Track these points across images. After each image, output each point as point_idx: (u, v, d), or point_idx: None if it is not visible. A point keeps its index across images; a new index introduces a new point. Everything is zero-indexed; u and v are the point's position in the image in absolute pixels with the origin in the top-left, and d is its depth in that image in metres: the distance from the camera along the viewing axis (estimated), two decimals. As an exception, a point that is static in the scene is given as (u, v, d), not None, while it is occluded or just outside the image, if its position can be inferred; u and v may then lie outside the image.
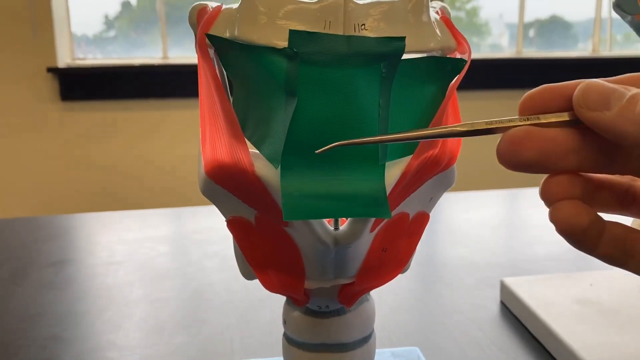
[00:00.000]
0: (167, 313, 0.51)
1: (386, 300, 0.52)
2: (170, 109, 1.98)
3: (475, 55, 2.15)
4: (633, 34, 0.38)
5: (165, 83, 1.93)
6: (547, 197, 0.19)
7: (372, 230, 0.26)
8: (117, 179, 2.06)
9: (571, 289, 0.49)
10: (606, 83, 0.18)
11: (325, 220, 0.25)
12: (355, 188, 0.22)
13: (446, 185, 0.28)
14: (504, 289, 0.52)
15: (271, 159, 0.22)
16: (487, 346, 0.45)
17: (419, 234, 0.29)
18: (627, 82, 0.19)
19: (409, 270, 0.30)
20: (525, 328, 0.47)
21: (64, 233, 0.73)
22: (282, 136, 0.21)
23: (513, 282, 0.51)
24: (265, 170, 0.23)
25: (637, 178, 0.21)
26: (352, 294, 0.29)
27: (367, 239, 0.26)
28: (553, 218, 0.19)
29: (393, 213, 0.27)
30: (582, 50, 2.05)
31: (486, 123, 0.19)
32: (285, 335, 0.32)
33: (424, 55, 0.22)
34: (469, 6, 2.39)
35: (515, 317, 0.49)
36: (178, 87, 1.91)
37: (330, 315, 0.30)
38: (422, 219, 0.28)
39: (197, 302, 0.53)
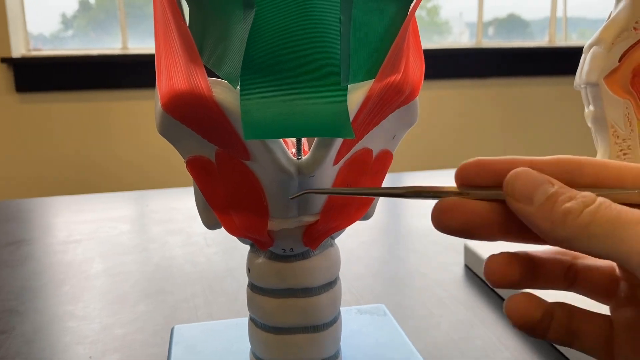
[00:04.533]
0: (129, 285, 0.49)
1: (352, 266, 0.52)
2: (129, 100, 1.94)
3: (439, 46, 2.17)
4: (587, 30, 0.37)
5: (124, 74, 1.89)
6: (490, 277, 0.21)
7: (335, 163, 0.25)
8: (75, 170, 2.01)
9: (534, 249, 0.50)
10: (534, 175, 0.20)
11: (288, 150, 0.24)
12: (317, 107, 0.22)
13: (409, 122, 0.28)
14: (468, 252, 0.52)
15: (229, 78, 0.21)
16: (453, 304, 0.45)
17: (383, 173, 0.29)
18: (556, 166, 0.20)
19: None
20: (490, 288, 0.48)
21: (19, 216, 0.70)
22: (241, 53, 0.21)
23: (477, 245, 0.52)
24: (224, 94, 0.23)
25: (578, 256, 0.23)
26: (316, 234, 0.28)
27: (330, 173, 0.25)
28: (508, 313, 0.21)
29: (356, 147, 0.26)
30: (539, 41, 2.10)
31: (421, 188, 0.21)
32: (249, 284, 0.31)
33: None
34: (429, 5, 2.42)
35: (480, 278, 0.50)
36: (138, 77, 1.87)
37: (295, 258, 0.29)
38: (385, 158, 0.28)
39: (160, 275, 0.51)
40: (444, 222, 0.21)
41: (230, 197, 0.27)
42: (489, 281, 0.21)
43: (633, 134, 0.34)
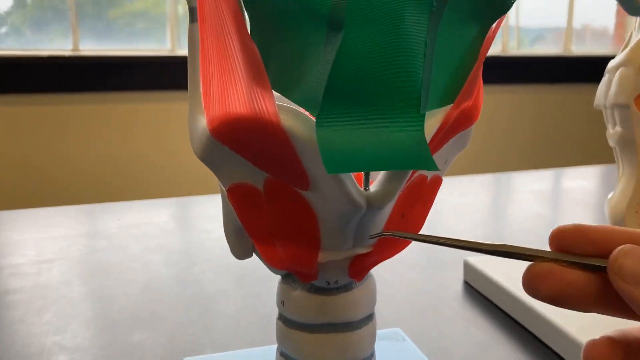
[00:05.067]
0: (118, 310, 0.46)
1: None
2: (80, 104, 1.85)
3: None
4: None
5: (75, 76, 1.80)
6: None
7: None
8: (24, 177, 1.90)
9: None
10: None
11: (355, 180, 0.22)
12: (399, 137, 0.20)
13: (462, 146, 0.27)
14: (468, 268, 0.52)
15: (307, 105, 0.19)
16: (462, 324, 0.44)
17: (432, 199, 0.27)
18: None
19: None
20: (491, 302, 0.47)
21: (-22, 232, 0.65)
22: (321, 78, 0.19)
23: (477, 261, 0.51)
24: (291, 121, 0.21)
25: None
26: (364, 266, 0.26)
27: (392, 202, 0.24)
28: None
29: (415, 176, 0.25)
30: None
31: (513, 248, 0.20)
32: (281, 317, 0.29)
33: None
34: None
35: (480, 293, 0.49)
36: (89, 80, 1.79)
37: (337, 291, 0.27)
38: (436, 183, 0.27)
39: (149, 298, 0.48)
40: (536, 288, 0.20)
41: (276, 228, 0.25)
42: None
43: (659, 155, 0.34)
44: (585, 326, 0.39)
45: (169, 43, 1.86)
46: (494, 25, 0.21)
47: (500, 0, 0.20)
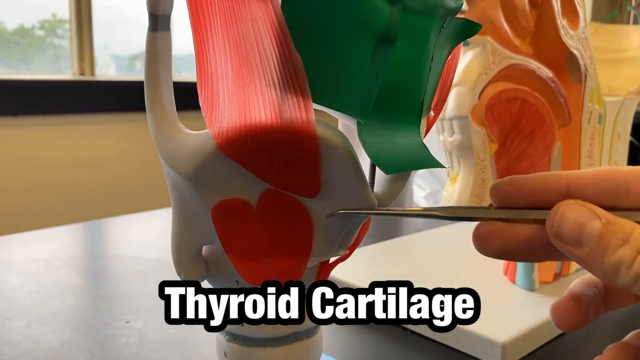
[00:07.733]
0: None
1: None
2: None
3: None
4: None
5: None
6: (559, 323, 0.22)
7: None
8: None
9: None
10: (580, 212, 0.18)
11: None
12: (407, 143, 0.23)
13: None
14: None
15: (356, 113, 0.20)
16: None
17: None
18: (599, 183, 0.19)
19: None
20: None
21: None
22: (372, 87, 0.20)
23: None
24: (325, 130, 0.21)
25: None
26: (330, 268, 0.28)
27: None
28: None
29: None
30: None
31: (459, 211, 0.22)
32: (238, 339, 0.28)
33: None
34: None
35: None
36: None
37: (302, 299, 0.28)
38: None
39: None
40: (484, 247, 0.21)
41: (265, 242, 0.25)
42: (558, 326, 0.22)
43: (487, 156, 0.43)
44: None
45: None
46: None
47: (469, 26, 0.24)
